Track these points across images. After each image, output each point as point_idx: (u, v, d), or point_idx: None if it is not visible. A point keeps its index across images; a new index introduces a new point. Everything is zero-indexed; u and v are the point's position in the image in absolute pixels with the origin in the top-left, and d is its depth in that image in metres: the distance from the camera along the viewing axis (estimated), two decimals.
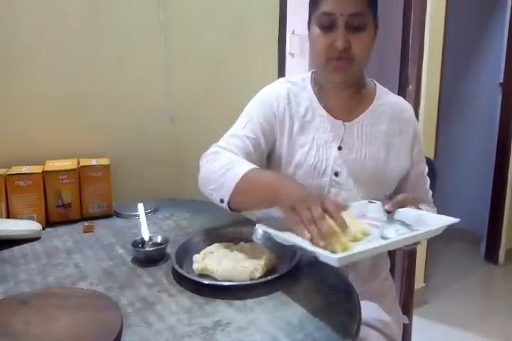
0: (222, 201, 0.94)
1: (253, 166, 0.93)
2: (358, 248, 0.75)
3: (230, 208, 0.95)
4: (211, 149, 1.04)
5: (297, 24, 2.49)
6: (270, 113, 1.08)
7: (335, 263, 0.69)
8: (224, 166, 0.95)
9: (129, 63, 1.38)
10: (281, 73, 1.68)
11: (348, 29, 0.95)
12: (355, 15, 0.94)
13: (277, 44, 1.66)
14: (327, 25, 0.96)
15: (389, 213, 0.92)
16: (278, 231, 0.83)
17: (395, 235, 0.82)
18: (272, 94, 1.11)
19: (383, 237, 0.83)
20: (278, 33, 1.66)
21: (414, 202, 0.95)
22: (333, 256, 0.70)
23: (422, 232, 0.81)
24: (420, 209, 0.96)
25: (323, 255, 0.71)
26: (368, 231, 0.85)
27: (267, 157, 1.11)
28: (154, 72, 1.42)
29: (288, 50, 1.85)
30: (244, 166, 0.93)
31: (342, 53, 0.96)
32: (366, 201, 0.99)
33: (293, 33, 2.78)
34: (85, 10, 1.29)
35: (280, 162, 1.09)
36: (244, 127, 1.07)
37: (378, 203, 0.96)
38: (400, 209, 0.91)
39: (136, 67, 1.39)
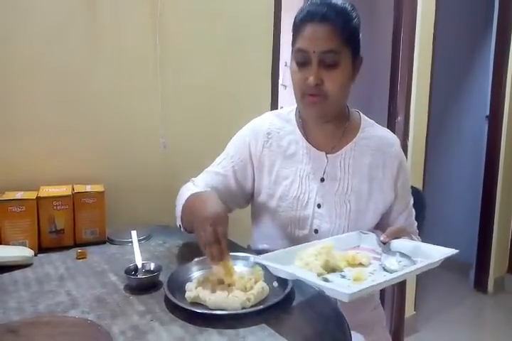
0: (180, 227, 1.08)
1: (192, 192, 1.03)
2: (367, 283, 0.75)
3: (188, 231, 1.06)
4: (187, 183, 1.15)
5: (289, 56, 2.57)
6: (246, 152, 1.13)
7: (345, 299, 0.68)
8: (178, 197, 1.09)
9: (124, 93, 1.41)
10: (274, 104, 1.72)
11: (320, 66, 0.98)
12: (327, 52, 0.97)
13: (270, 76, 1.71)
14: (302, 61, 0.99)
15: (384, 244, 0.92)
16: (279, 264, 0.83)
17: (398, 266, 0.83)
18: (251, 131, 1.15)
19: (385, 269, 0.84)
20: (271, 65, 1.71)
21: (408, 234, 0.96)
22: (343, 291, 0.69)
23: (427, 264, 0.82)
24: (413, 239, 0.98)
25: (332, 290, 0.71)
26: (368, 259, 0.87)
27: (252, 191, 1.15)
28: (149, 102, 1.45)
29: (281, 81, 1.90)
30: (188, 194, 1.03)
31: (314, 89, 0.99)
32: (358, 232, 1.00)
33: (286, 65, 2.85)
34: (82, 39, 1.32)
35: (263, 195, 1.12)
36: (219, 164, 1.15)
37: (371, 234, 0.97)
38: (395, 241, 0.92)
39: (131, 96, 1.42)
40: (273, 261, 0.85)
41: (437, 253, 0.86)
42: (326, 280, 0.79)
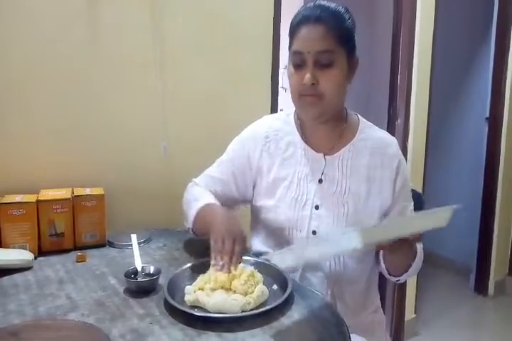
0: (189, 229, 1.14)
1: (208, 202, 1.08)
2: None
3: (197, 235, 1.14)
4: (190, 183, 1.21)
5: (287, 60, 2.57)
6: (245, 157, 1.15)
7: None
8: (191, 199, 1.13)
9: (124, 96, 1.41)
10: (274, 107, 1.72)
11: (316, 66, 0.99)
12: (322, 52, 0.98)
13: (270, 78, 1.71)
14: (298, 63, 1.01)
15: None
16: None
17: None
18: (250, 135, 1.17)
19: None
20: (271, 68, 1.71)
21: None
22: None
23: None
24: None
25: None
26: None
27: (252, 194, 1.17)
28: (150, 106, 1.45)
29: (280, 84, 1.90)
30: (203, 201, 1.09)
31: (311, 89, 1.00)
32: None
33: (285, 67, 2.86)
34: (82, 42, 1.32)
35: (262, 196, 1.13)
36: (218, 167, 1.19)
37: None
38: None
39: (131, 100, 1.42)
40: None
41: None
42: None
